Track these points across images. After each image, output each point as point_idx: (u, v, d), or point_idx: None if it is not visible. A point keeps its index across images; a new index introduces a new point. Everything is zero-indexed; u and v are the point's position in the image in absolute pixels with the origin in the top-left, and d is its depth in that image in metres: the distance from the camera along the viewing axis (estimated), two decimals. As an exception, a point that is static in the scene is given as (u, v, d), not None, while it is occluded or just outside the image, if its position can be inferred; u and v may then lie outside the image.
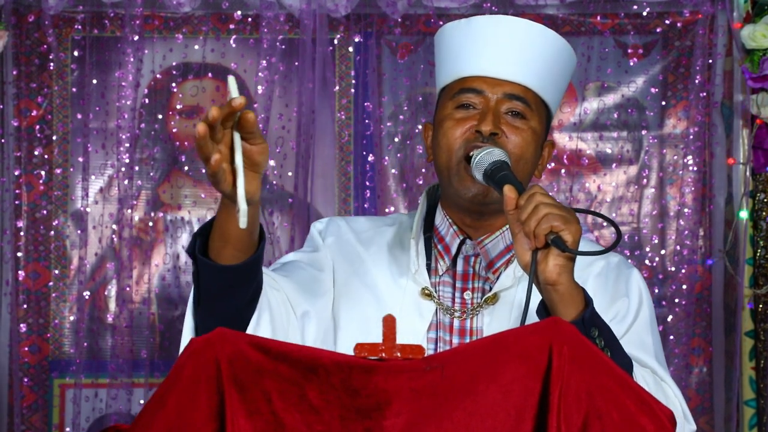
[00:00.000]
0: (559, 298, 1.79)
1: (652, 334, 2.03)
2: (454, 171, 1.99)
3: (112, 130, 3.72)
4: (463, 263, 2.05)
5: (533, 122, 2.02)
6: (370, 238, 2.10)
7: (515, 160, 1.97)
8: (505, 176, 1.87)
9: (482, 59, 2.02)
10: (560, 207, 1.78)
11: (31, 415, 3.73)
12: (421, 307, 2.02)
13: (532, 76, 2.02)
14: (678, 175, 3.77)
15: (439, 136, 2.02)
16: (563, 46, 2.07)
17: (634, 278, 2.08)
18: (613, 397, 1.50)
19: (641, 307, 2.04)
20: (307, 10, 3.62)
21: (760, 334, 3.57)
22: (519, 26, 2.04)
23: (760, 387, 3.57)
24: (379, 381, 1.47)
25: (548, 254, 1.77)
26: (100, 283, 3.76)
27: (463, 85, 2.02)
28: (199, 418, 1.45)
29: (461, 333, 2.01)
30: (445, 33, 2.10)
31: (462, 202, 2.01)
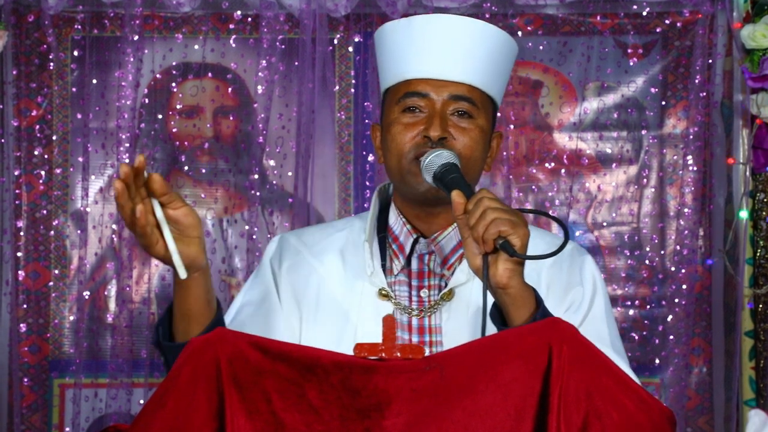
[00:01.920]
0: (510, 301, 1.80)
1: (607, 323, 2.04)
2: (407, 170, 2.00)
3: (112, 130, 3.72)
4: (417, 261, 2.06)
5: (480, 120, 2.03)
6: (323, 248, 2.10)
7: (465, 160, 1.99)
8: (454, 179, 1.89)
9: (425, 61, 2.02)
10: (507, 211, 1.78)
11: (31, 415, 3.73)
12: (378, 308, 2.02)
13: (476, 74, 2.03)
14: (678, 175, 3.77)
15: (388, 140, 2.03)
16: (504, 39, 2.07)
17: (587, 266, 2.09)
18: (612, 397, 1.50)
19: (596, 295, 2.05)
20: (307, 10, 3.62)
21: (760, 334, 3.57)
22: (459, 25, 2.04)
23: (760, 387, 3.57)
24: (379, 381, 1.46)
25: (498, 258, 1.78)
26: (100, 283, 3.75)
27: (408, 88, 2.03)
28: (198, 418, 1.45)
29: (420, 331, 2.02)
30: (385, 33, 2.09)
31: (415, 198, 2.02)
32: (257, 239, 3.68)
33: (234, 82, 3.80)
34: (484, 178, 3.81)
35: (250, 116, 3.76)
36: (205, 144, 3.80)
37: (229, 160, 3.80)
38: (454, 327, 1.99)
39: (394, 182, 2.07)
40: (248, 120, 3.77)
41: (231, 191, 3.80)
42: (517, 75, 3.81)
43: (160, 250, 1.73)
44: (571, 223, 3.80)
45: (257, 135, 3.69)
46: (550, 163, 3.81)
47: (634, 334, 3.77)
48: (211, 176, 3.80)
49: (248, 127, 3.76)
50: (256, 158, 3.69)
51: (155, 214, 1.71)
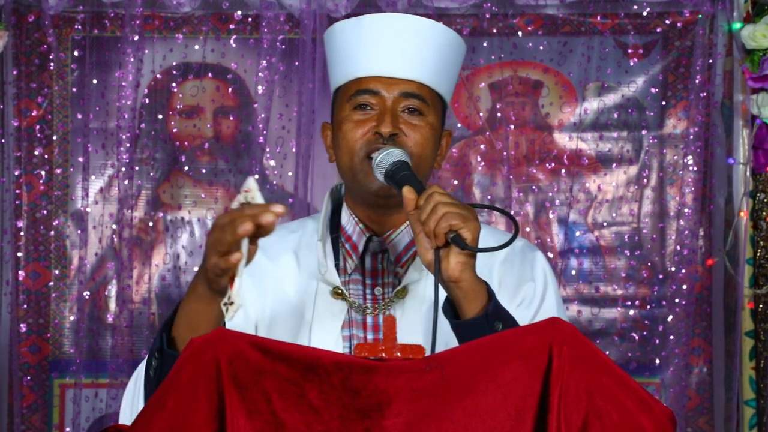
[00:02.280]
0: (462, 294, 1.82)
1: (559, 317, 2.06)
2: (358, 168, 2.01)
3: (112, 130, 3.72)
4: (371, 260, 2.08)
5: (430, 117, 2.04)
6: (277, 250, 2.10)
7: (416, 157, 2.00)
8: (405, 176, 1.90)
9: (376, 59, 2.04)
10: (458, 205, 1.81)
11: (31, 415, 3.73)
12: (333, 306, 2.04)
13: (426, 71, 2.04)
14: (678, 175, 3.77)
15: (339, 138, 2.05)
16: (452, 37, 2.09)
17: (538, 261, 2.11)
18: (612, 397, 1.50)
19: (547, 290, 2.07)
20: (307, 10, 3.62)
21: (760, 334, 3.57)
22: (409, 23, 2.05)
23: (760, 387, 3.57)
24: (379, 381, 1.47)
25: (449, 252, 1.80)
26: (100, 283, 3.75)
27: (358, 86, 2.04)
28: (198, 418, 1.45)
29: (374, 328, 2.03)
30: (335, 33, 2.11)
31: (367, 197, 2.03)
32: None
33: (234, 82, 3.80)
34: (483, 178, 3.81)
35: (251, 116, 3.76)
36: (206, 144, 3.80)
37: (229, 160, 3.80)
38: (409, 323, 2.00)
39: (345, 181, 2.08)
40: (248, 120, 3.77)
41: (231, 191, 3.80)
42: (517, 75, 3.81)
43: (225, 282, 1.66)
44: (571, 223, 3.81)
45: (257, 135, 3.69)
46: (550, 163, 3.81)
47: (634, 334, 3.77)
48: (211, 176, 3.80)
49: (248, 127, 3.76)
50: (256, 158, 3.69)
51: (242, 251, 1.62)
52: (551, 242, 3.81)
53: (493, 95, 3.81)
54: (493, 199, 3.80)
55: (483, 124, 3.80)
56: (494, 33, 3.77)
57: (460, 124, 3.83)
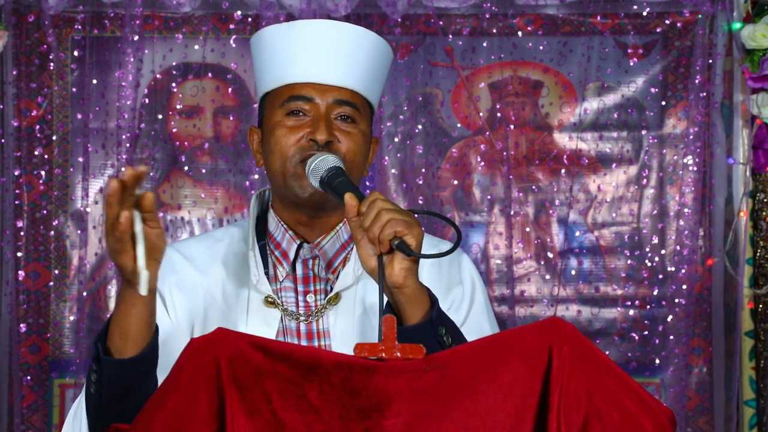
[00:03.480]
0: (406, 300, 1.82)
1: (488, 318, 2.09)
2: (291, 173, 2.00)
3: (112, 130, 3.72)
4: (302, 267, 2.07)
5: (362, 125, 2.05)
6: (205, 261, 2.10)
7: (349, 163, 2.00)
8: (343, 182, 1.90)
9: (309, 65, 2.04)
10: (401, 212, 1.81)
11: (31, 415, 3.73)
12: (266, 315, 2.03)
13: (358, 79, 2.05)
14: (678, 175, 3.77)
15: (271, 143, 2.04)
16: (382, 45, 2.10)
17: (465, 264, 2.12)
18: (613, 397, 1.50)
19: (475, 292, 2.09)
20: (307, 10, 3.62)
21: (760, 334, 3.57)
22: (342, 30, 2.06)
23: (760, 387, 3.57)
24: (379, 381, 1.47)
25: (393, 259, 1.80)
26: (100, 283, 3.75)
27: (291, 92, 2.04)
28: (199, 418, 1.45)
29: (309, 336, 2.03)
30: (265, 37, 2.11)
31: (299, 202, 2.03)
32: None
33: (234, 82, 3.80)
34: (483, 178, 3.81)
35: (251, 116, 3.76)
36: (205, 144, 3.80)
37: (229, 160, 3.80)
38: (342, 330, 2.01)
39: (276, 186, 2.07)
40: (248, 120, 3.77)
41: (231, 191, 3.80)
42: (517, 75, 3.81)
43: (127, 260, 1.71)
44: (571, 223, 3.81)
45: (257, 135, 3.69)
46: (550, 163, 3.81)
47: (634, 334, 3.77)
48: (211, 176, 3.80)
49: (248, 127, 3.76)
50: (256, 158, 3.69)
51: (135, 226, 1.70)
52: (551, 242, 3.81)
53: (493, 95, 3.81)
54: (493, 199, 3.80)
55: (483, 124, 3.80)
56: (494, 33, 3.77)
57: (460, 124, 3.83)
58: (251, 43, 2.16)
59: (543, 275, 3.80)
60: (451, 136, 3.82)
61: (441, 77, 3.80)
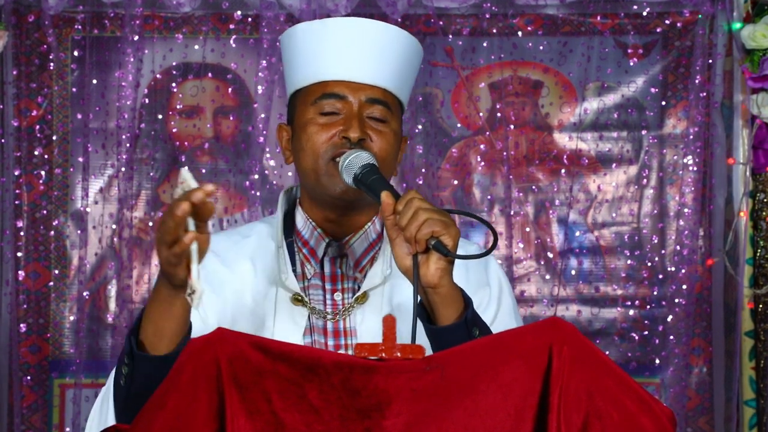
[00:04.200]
0: (440, 300, 1.81)
1: (516, 320, 2.08)
2: (323, 171, 1.99)
3: (112, 130, 3.72)
4: (330, 265, 2.06)
5: (393, 124, 2.05)
6: (232, 257, 2.09)
7: (381, 162, 1.99)
8: (378, 180, 1.90)
9: (342, 63, 2.03)
10: (438, 211, 1.80)
11: (31, 415, 3.73)
12: (294, 313, 2.02)
13: (390, 78, 2.05)
14: (678, 175, 3.77)
15: (302, 140, 2.03)
16: (413, 44, 2.09)
17: (492, 266, 2.12)
18: (613, 397, 1.50)
19: (502, 294, 2.08)
20: (307, 10, 3.62)
21: (760, 334, 3.57)
22: (374, 29, 2.05)
23: (760, 387, 3.57)
24: (379, 381, 1.47)
25: (429, 258, 1.80)
26: (100, 283, 3.75)
27: (324, 89, 2.03)
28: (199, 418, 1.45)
29: (335, 334, 2.02)
30: (296, 34, 2.09)
31: (330, 199, 2.02)
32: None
33: (234, 82, 3.80)
34: (483, 178, 3.81)
35: (250, 116, 3.76)
36: (205, 144, 3.80)
37: (229, 160, 3.80)
38: (369, 329, 2.00)
39: (306, 184, 2.06)
40: (248, 120, 3.77)
41: (231, 191, 3.80)
42: (517, 75, 3.81)
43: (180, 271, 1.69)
44: (571, 223, 3.81)
45: (257, 135, 3.69)
46: (550, 163, 3.81)
47: (634, 334, 3.77)
48: (211, 176, 3.79)
49: (248, 127, 3.76)
50: (256, 158, 3.69)
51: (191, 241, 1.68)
52: (551, 242, 3.81)
53: (493, 95, 3.81)
54: (493, 199, 3.81)
55: (483, 124, 3.80)
56: (494, 33, 3.77)
57: (460, 124, 3.83)
58: (281, 39, 2.14)
59: (543, 275, 3.80)
60: (451, 136, 3.82)
61: (441, 77, 3.80)
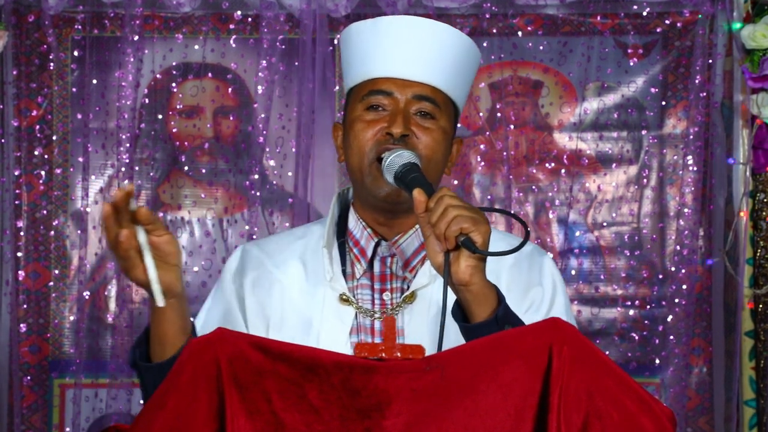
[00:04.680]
0: (472, 298, 1.81)
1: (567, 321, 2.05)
2: (367, 171, 2.00)
3: (112, 130, 3.72)
4: (379, 264, 2.06)
5: (442, 121, 2.05)
6: (284, 257, 2.10)
7: (426, 160, 2.00)
8: (415, 178, 1.89)
9: (390, 60, 2.03)
10: (469, 208, 1.80)
11: (31, 415, 3.73)
12: (340, 313, 2.03)
13: (440, 75, 2.04)
14: (678, 175, 3.77)
15: (350, 138, 2.03)
16: (468, 44, 2.09)
17: (546, 266, 2.10)
18: (613, 397, 1.50)
19: (555, 294, 2.06)
20: (307, 10, 3.62)
21: (760, 334, 3.57)
22: (425, 26, 2.05)
23: (760, 387, 3.57)
24: (379, 381, 1.47)
25: (459, 255, 1.79)
26: (100, 283, 3.75)
27: (372, 86, 2.03)
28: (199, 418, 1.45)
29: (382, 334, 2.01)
30: (351, 34, 2.10)
31: (375, 201, 2.03)
32: (257, 239, 3.68)
33: (234, 82, 3.80)
34: (483, 178, 3.81)
35: (250, 116, 3.76)
36: (205, 144, 3.80)
37: (229, 160, 3.80)
38: (416, 329, 2.00)
39: (354, 183, 2.07)
40: (248, 120, 3.77)
41: (231, 191, 3.80)
42: (517, 75, 3.81)
43: (139, 274, 1.76)
44: (571, 223, 3.81)
45: (257, 135, 3.69)
46: (550, 163, 3.81)
47: (634, 334, 3.77)
48: (211, 176, 3.80)
49: (248, 127, 3.76)
50: (256, 158, 3.69)
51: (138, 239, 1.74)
52: (551, 242, 3.81)
53: (493, 95, 3.81)
54: (493, 199, 3.80)
55: (483, 124, 3.80)
56: (494, 33, 3.77)
57: (460, 124, 3.83)
58: (340, 39, 2.15)
59: (543, 275, 3.80)
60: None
61: (441, 77, 3.80)
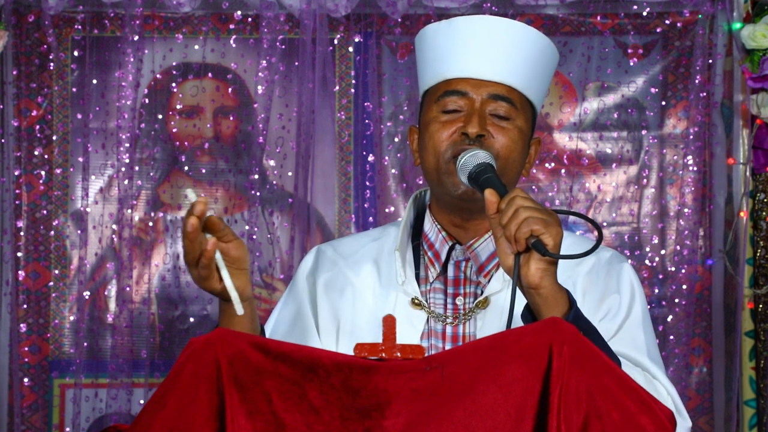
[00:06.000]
0: (542, 302, 1.78)
1: (644, 331, 2.01)
2: (443, 170, 1.98)
3: (112, 130, 3.72)
4: (453, 269, 2.04)
5: (519, 121, 2.01)
6: (358, 259, 2.09)
7: (502, 160, 1.97)
8: (489, 179, 1.86)
9: (465, 60, 2.01)
10: (541, 210, 1.76)
11: (31, 415, 3.73)
12: (412, 317, 2.01)
13: (515, 75, 2.02)
14: (678, 175, 3.77)
15: (425, 139, 2.02)
16: (545, 44, 2.06)
17: (625, 273, 2.06)
18: (613, 397, 1.50)
19: (633, 303, 2.02)
20: (307, 10, 3.62)
21: (760, 334, 3.57)
22: (500, 26, 2.03)
23: (760, 387, 3.57)
24: (379, 381, 1.47)
25: (530, 258, 1.76)
26: (100, 283, 3.75)
27: (447, 87, 2.02)
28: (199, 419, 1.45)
29: (454, 339, 2.00)
30: (426, 35, 2.08)
31: (451, 200, 2.01)
32: (257, 239, 3.68)
33: (234, 82, 3.80)
34: (484, 178, 3.81)
35: (250, 116, 3.76)
36: (205, 144, 3.80)
37: (229, 160, 3.80)
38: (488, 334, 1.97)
39: (430, 183, 2.05)
40: (248, 120, 3.77)
41: (231, 191, 3.80)
42: (517, 75, 3.81)
43: (215, 284, 1.75)
44: (571, 224, 3.81)
45: (257, 135, 3.69)
46: (550, 163, 3.81)
47: (634, 334, 3.77)
48: (211, 176, 3.80)
49: (248, 127, 3.76)
50: (256, 158, 3.69)
51: None
52: (551, 242, 3.81)
53: (493, 95, 3.81)
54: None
55: (483, 124, 3.80)
56: (494, 33, 3.77)
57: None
58: (415, 41, 2.13)
59: (543, 275, 3.80)
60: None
61: (441, 77, 3.80)
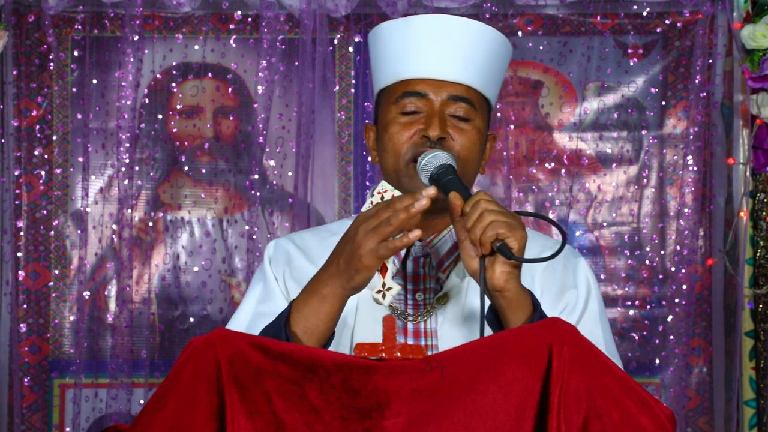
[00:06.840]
0: (507, 304, 1.79)
1: (601, 325, 2.03)
2: (403, 173, 1.99)
3: (112, 130, 3.72)
4: (413, 264, 2.04)
5: (477, 121, 2.02)
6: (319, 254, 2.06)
7: (462, 161, 1.98)
8: (451, 181, 1.87)
9: (424, 61, 2.01)
10: (505, 213, 1.77)
11: (31, 415, 3.73)
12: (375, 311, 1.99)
13: (474, 74, 2.02)
14: (678, 175, 3.77)
15: (385, 140, 2.02)
16: (501, 41, 2.06)
17: (581, 268, 2.07)
18: (613, 397, 1.50)
19: (589, 298, 2.04)
20: (307, 10, 3.62)
21: (760, 334, 3.57)
22: (457, 25, 2.02)
23: (760, 387, 3.57)
24: (379, 381, 1.47)
25: (495, 261, 1.77)
26: (100, 283, 3.75)
27: (406, 88, 2.01)
28: (199, 419, 1.45)
29: (416, 335, 2.00)
30: (382, 33, 2.07)
31: None
32: (257, 239, 3.68)
33: (234, 82, 3.80)
34: (484, 179, 3.81)
35: (251, 116, 3.76)
36: (205, 144, 3.80)
37: (229, 160, 3.80)
38: (449, 330, 1.98)
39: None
40: (248, 120, 3.77)
41: (231, 191, 3.80)
42: (517, 75, 3.81)
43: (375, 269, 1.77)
44: (571, 223, 3.81)
45: (257, 135, 3.69)
46: (550, 163, 3.81)
47: (634, 334, 3.77)
48: (211, 176, 3.80)
49: (248, 127, 3.76)
50: (256, 158, 3.69)
51: None
52: (551, 242, 3.81)
53: (493, 95, 3.81)
54: (493, 199, 3.80)
55: (483, 124, 3.80)
56: (494, 33, 3.77)
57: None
58: (369, 38, 2.13)
59: (543, 275, 3.80)
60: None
61: (441, 77, 3.80)
